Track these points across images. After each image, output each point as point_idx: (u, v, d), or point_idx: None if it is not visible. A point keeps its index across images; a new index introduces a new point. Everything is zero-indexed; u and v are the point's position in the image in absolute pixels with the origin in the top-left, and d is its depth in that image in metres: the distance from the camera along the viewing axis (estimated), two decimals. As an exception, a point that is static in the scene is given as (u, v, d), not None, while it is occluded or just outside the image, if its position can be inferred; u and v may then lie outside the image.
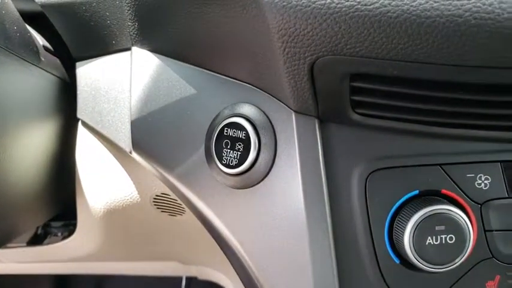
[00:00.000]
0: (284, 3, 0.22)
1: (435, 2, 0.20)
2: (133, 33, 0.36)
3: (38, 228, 0.54)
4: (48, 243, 0.53)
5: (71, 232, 0.51)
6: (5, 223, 0.36)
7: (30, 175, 0.38)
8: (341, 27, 0.22)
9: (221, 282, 0.82)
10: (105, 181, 0.43)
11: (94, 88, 0.40)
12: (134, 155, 0.36)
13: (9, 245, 0.54)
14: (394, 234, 0.29)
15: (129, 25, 0.35)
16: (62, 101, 0.42)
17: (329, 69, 0.24)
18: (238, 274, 0.34)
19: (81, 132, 0.43)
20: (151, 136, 0.35)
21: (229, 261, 0.34)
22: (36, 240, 0.53)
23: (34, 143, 0.38)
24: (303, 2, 0.21)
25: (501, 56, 0.21)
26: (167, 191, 0.40)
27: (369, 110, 0.27)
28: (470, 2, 0.20)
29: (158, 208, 0.44)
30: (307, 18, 0.22)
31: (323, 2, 0.21)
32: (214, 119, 0.32)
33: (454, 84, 0.24)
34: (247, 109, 0.30)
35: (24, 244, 0.53)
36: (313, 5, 0.21)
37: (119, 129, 0.38)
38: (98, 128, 0.40)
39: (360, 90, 0.25)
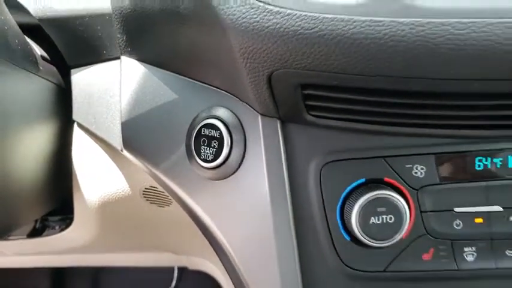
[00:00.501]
0: (243, 28, 0.27)
1: (361, 27, 0.25)
2: (122, 45, 0.40)
3: (36, 222, 0.57)
4: (46, 235, 0.56)
5: (67, 225, 0.56)
6: (8, 215, 0.40)
7: (31, 172, 0.42)
8: (289, 47, 0.27)
9: (210, 271, 0.86)
10: (99, 176, 0.48)
11: (88, 93, 0.44)
12: (125, 152, 0.41)
13: (10, 237, 0.57)
14: (344, 215, 0.34)
15: (118, 37, 0.40)
16: (59, 105, 0.46)
17: (283, 80, 0.29)
18: (219, 258, 0.39)
19: (77, 132, 0.47)
20: (139, 135, 0.40)
21: (212, 246, 0.39)
22: (35, 233, 0.56)
23: (34, 143, 0.42)
24: (258, 27, 0.27)
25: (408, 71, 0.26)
26: (155, 184, 0.45)
27: (320, 112, 0.32)
28: (387, 28, 0.25)
29: (147, 200, 0.49)
30: (262, 39, 0.27)
31: (273, 27, 0.26)
32: (193, 120, 0.37)
33: (386, 91, 0.29)
34: (221, 112, 0.36)
35: (24, 236, 0.56)
36: (266, 29, 0.26)
37: (110, 130, 0.43)
38: (92, 128, 0.45)
39: (310, 96, 0.31)
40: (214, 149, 0.35)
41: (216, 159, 0.35)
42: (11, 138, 0.37)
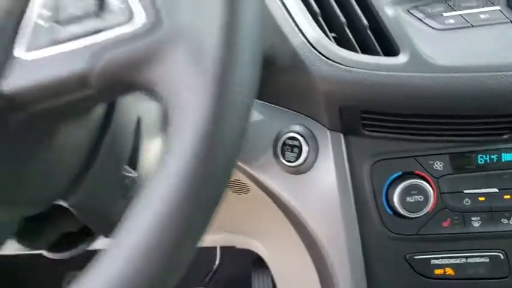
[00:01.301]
0: (328, 80, 0.42)
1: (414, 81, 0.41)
2: None
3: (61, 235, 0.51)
4: (69, 255, 0.50)
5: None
6: None
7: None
8: (363, 95, 0.42)
9: (255, 249, 1.02)
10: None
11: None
12: None
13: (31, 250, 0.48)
14: (388, 197, 0.50)
15: None
16: (162, 121, 0.61)
17: (350, 109, 0.45)
18: (298, 232, 0.55)
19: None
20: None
21: (291, 223, 0.55)
22: (57, 248, 0.49)
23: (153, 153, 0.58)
24: (341, 79, 0.42)
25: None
26: (238, 177, 0.61)
27: (372, 128, 0.47)
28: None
29: (230, 189, 0.65)
30: (343, 87, 0.42)
31: (350, 81, 0.42)
32: (277, 133, 0.53)
33: (423, 115, 0.45)
34: (299, 128, 0.51)
35: (45, 250, 0.49)
36: (349, 80, 0.42)
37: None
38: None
39: (367, 118, 0.46)
40: (296, 154, 0.51)
41: (296, 161, 0.51)
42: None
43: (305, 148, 0.50)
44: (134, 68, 0.25)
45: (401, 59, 0.43)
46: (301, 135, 0.50)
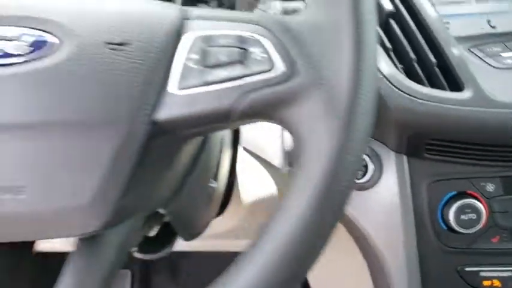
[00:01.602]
0: (404, 110, 0.49)
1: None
2: None
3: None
4: (157, 256, 0.53)
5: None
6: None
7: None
8: (432, 125, 0.48)
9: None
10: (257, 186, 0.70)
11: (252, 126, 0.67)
12: (285, 170, 0.63)
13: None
14: (443, 214, 0.56)
15: None
16: (234, 132, 0.66)
17: (418, 136, 0.51)
18: (356, 240, 0.61)
19: (242, 153, 0.69)
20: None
21: (349, 233, 0.61)
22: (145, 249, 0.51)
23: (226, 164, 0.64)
24: (414, 110, 0.48)
25: None
26: None
27: (433, 152, 0.53)
28: None
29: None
30: (415, 117, 0.48)
31: (425, 111, 0.48)
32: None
33: (481, 144, 0.51)
34: (366, 149, 0.58)
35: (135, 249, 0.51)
36: (421, 112, 0.48)
37: (274, 155, 0.65)
38: (258, 152, 0.67)
39: (430, 144, 0.52)
40: (362, 172, 0.57)
41: (362, 178, 0.57)
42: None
43: (371, 167, 0.56)
44: (274, 107, 0.32)
45: (466, 94, 0.49)
46: (368, 156, 0.57)
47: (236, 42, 0.31)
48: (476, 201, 0.54)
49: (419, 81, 0.51)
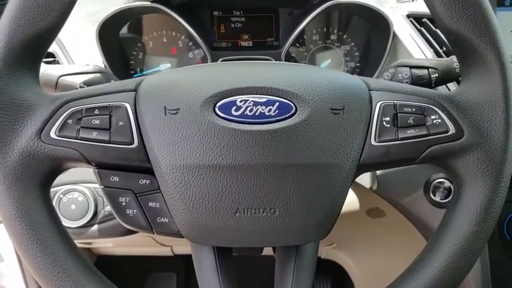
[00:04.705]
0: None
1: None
2: None
3: None
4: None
5: None
6: None
7: None
8: None
9: (339, 261, 1.20)
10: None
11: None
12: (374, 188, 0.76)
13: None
14: (508, 228, 0.71)
15: None
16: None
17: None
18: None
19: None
20: (390, 183, 0.75)
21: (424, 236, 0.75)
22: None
23: None
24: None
25: None
26: (379, 205, 0.81)
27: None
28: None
29: (368, 215, 0.85)
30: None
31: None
32: (427, 180, 0.73)
33: None
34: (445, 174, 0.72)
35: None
36: None
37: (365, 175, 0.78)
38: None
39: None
40: (445, 193, 0.71)
41: (446, 199, 0.71)
42: None
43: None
44: (446, 157, 0.46)
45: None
46: (449, 180, 0.71)
47: (418, 110, 0.45)
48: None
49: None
